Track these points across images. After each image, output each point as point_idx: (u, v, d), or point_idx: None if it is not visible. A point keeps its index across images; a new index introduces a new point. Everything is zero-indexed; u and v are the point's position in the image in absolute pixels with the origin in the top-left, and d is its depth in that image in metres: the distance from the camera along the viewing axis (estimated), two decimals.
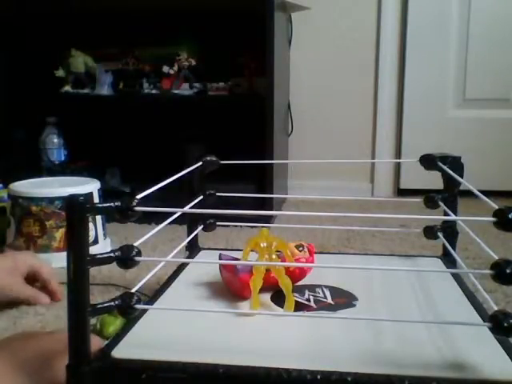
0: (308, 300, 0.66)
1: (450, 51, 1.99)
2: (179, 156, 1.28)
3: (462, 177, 0.74)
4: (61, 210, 1.17)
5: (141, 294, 0.54)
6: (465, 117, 2.01)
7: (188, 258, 0.84)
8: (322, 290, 0.69)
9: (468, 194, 0.65)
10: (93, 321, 0.67)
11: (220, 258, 0.73)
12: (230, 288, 0.69)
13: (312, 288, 0.69)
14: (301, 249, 0.72)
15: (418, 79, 2.00)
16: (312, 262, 0.72)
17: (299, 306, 0.64)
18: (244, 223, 1.37)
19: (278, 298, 0.65)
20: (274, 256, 0.66)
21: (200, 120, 1.92)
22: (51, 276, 0.96)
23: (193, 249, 0.88)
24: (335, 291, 0.68)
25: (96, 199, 1.22)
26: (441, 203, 0.77)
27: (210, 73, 1.79)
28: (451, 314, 0.63)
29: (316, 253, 0.74)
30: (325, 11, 1.98)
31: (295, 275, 0.69)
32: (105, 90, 1.78)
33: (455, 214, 0.77)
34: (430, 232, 0.83)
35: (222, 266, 0.70)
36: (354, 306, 0.64)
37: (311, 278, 0.71)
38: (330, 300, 0.66)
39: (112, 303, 0.51)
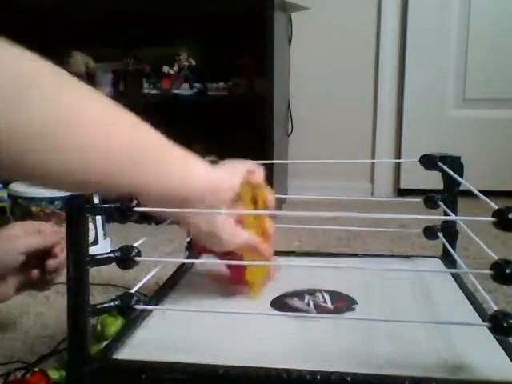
0: (308, 305, 0.65)
1: (450, 51, 1.99)
2: None
3: (461, 177, 0.73)
4: (61, 210, 1.17)
5: (140, 294, 0.54)
6: (465, 117, 2.01)
7: (188, 258, 0.84)
8: (322, 295, 0.68)
9: (468, 193, 0.65)
10: (93, 321, 0.67)
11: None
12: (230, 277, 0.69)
13: (312, 292, 0.69)
14: None
15: (418, 79, 2.00)
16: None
17: (299, 312, 0.64)
18: None
19: (279, 303, 0.65)
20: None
21: (200, 120, 1.92)
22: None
23: (193, 249, 0.87)
24: (335, 295, 0.68)
25: (96, 200, 1.21)
26: (441, 203, 0.77)
27: (210, 73, 1.79)
28: (451, 314, 0.62)
29: (316, 254, 0.73)
30: (325, 11, 1.98)
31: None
32: (105, 90, 1.78)
33: (455, 214, 0.77)
34: (430, 232, 0.83)
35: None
36: (354, 309, 0.64)
37: (311, 282, 0.71)
38: (329, 304, 0.65)
39: (112, 303, 0.51)
